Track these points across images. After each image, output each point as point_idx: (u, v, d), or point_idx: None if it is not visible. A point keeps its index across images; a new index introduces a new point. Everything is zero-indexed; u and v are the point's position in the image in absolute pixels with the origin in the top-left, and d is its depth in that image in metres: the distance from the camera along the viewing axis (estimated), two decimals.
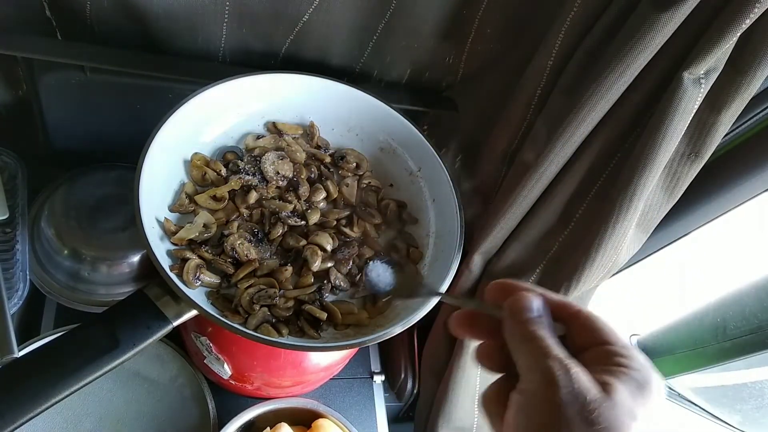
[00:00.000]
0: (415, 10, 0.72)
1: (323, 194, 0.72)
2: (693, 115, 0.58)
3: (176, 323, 0.57)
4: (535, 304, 0.36)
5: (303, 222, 0.69)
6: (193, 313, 0.58)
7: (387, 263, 0.53)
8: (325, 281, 0.66)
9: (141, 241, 0.58)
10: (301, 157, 0.73)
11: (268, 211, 0.69)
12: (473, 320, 0.40)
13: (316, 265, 0.66)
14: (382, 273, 0.52)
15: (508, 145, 0.77)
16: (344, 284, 0.67)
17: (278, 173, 0.71)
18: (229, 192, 0.68)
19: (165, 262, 0.60)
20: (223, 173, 0.70)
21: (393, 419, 1.02)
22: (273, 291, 0.63)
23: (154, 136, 0.63)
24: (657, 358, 0.94)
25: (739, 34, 0.52)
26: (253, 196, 0.69)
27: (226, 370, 0.76)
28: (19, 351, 0.67)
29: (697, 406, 0.98)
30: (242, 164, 0.71)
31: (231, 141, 0.74)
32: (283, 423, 0.83)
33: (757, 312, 0.79)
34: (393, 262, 0.53)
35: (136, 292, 0.59)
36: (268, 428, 0.82)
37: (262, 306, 0.63)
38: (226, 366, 0.75)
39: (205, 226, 0.66)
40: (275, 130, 0.75)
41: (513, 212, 0.72)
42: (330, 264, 0.67)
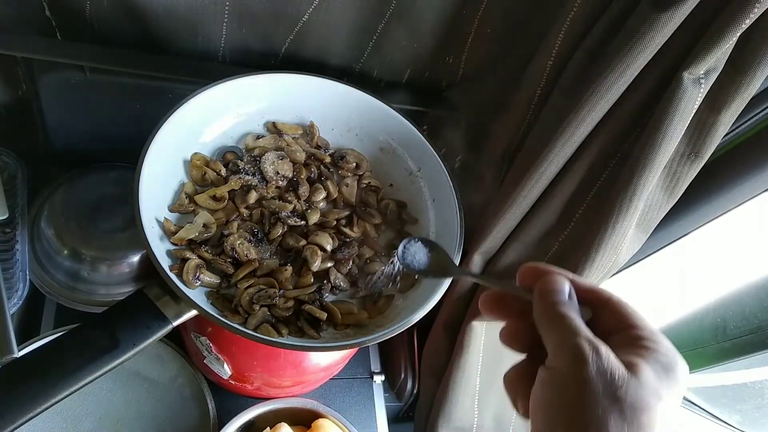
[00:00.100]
0: (415, 10, 0.72)
1: (323, 194, 0.72)
2: (693, 115, 0.58)
3: (176, 323, 0.57)
4: (566, 287, 0.38)
5: (303, 222, 0.69)
6: (193, 313, 0.58)
7: (422, 242, 0.53)
8: (324, 281, 0.66)
9: (141, 241, 0.58)
10: (301, 157, 0.73)
11: (267, 211, 0.69)
12: (502, 301, 0.41)
13: (316, 265, 0.66)
14: (417, 251, 0.53)
15: (508, 145, 0.77)
16: (344, 284, 0.67)
17: (278, 173, 0.71)
18: (228, 192, 0.68)
19: (165, 262, 0.60)
20: (223, 173, 0.70)
21: (393, 419, 1.02)
22: (273, 291, 0.63)
23: (153, 136, 0.63)
24: None
25: (739, 34, 0.52)
26: (253, 196, 0.69)
27: (226, 370, 0.76)
28: (19, 351, 0.67)
29: (697, 406, 0.98)
30: (242, 164, 0.71)
31: (231, 141, 0.74)
32: (283, 423, 0.83)
33: (757, 312, 0.79)
34: (427, 241, 0.53)
35: (136, 292, 0.59)
36: (268, 428, 0.82)
37: (262, 306, 0.63)
38: (226, 366, 0.75)
39: (205, 226, 0.66)
40: (275, 130, 0.75)
41: (513, 212, 0.72)
42: (330, 264, 0.68)
